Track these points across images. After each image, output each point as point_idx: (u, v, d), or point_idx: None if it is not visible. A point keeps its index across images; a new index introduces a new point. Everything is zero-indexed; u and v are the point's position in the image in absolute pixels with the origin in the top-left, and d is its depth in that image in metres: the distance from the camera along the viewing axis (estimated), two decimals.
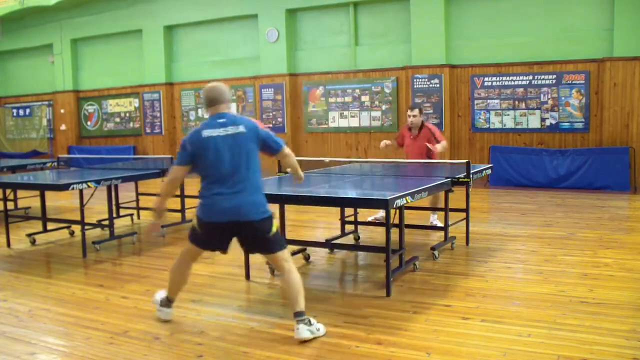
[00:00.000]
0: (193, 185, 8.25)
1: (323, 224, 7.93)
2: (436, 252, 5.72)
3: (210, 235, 3.93)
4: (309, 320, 3.79)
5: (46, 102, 17.31)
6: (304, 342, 3.70)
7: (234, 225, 3.83)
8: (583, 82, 10.51)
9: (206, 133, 3.84)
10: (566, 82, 10.64)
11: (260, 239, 3.89)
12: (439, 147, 7.09)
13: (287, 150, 4.14)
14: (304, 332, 3.73)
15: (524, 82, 10.97)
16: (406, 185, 5.50)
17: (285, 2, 13.10)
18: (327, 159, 7.89)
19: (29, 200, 9.26)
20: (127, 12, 15.22)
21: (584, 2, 10.51)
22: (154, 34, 14.93)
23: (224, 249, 4.04)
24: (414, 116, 7.36)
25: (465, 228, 6.34)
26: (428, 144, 7.17)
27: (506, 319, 4.04)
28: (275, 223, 3.95)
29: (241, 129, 3.89)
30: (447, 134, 11.56)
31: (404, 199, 4.49)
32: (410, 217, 6.94)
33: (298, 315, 3.79)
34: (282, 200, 5.24)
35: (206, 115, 4.02)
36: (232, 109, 3.26)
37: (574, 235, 6.64)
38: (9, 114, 18.08)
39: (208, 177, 3.89)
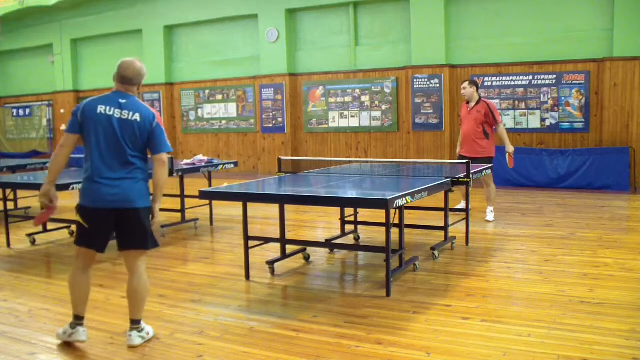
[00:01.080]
0: (193, 185, 8.27)
1: (323, 224, 7.93)
2: (436, 252, 5.72)
3: (94, 225, 3.65)
4: (142, 327, 3.76)
5: (46, 102, 17.32)
6: (134, 348, 3.68)
7: (116, 213, 3.62)
8: (583, 82, 10.52)
9: (101, 108, 3.65)
10: (566, 82, 10.64)
11: (140, 230, 3.68)
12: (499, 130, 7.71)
13: (164, 159, 3.77)
14: (135, 339, 3.69)
15: (524, 82, 10.98)
16: (406, 185, 5.50)
17: (285, 2, 13.10)
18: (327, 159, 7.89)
19: (29, 200, 9.26)
20: (127, 12, 15.23)
21: (584, 2, 10.52)
22: (154, 34, 14.94)
23: (103, 244, 3.75)
24: (464, 88, 7.68)
25: (465, 228, 6.34)
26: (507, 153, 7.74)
27: (506, 319, 4.04)
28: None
29: (137, 117, 3.70)
30: (447, 134, 11.57)
31: (404, 199, 4.50)
32: (410, 217, 6.94)
33: (136, 322, 3.73)
34: (282, 200, 5.24)
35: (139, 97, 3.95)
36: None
37: (574, 235, 6.64)
38: (9, 114, 18.08)
39: (91, 158, 3.66)
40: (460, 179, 5.65)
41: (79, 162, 9.16)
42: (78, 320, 3.75)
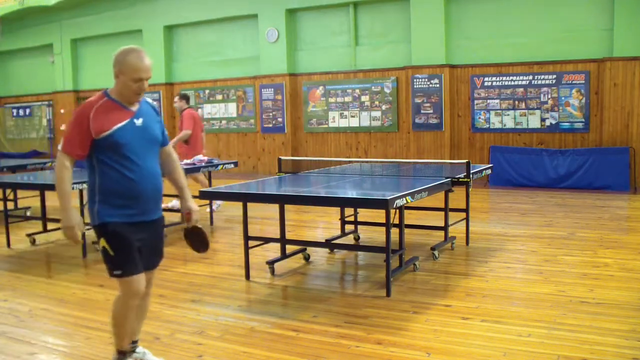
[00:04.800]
0: (193, 185, 8.27)
1: (323, 224, 7.93)
2: (436, 252, 5.72)
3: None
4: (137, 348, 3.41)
5: (46, 102, 17.32)
6: None
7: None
8: (583, 82, 10.52)
9: None
10: (566, 82, 10.64)
11: (160, 241, 3.31)
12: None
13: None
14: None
15: (524, 82, 10.98)
16: (406, 185, 5.50)
17: (285, 2, 13.10)
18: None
19: (29, 200, 9.26)
20: (127, 12, 15.23)
21: (584, 2, 10.52)
22: (154, 34, 14.94)
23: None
24: (175, 102, 8.84)
25: (465, 228, 6.34)
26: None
27: (506, 319, 4.04)
28: None
29: None
30: (447, 134, 11.58)
31: (404, 199, 4.50)
32: (410, 217, 6.94)
33: (135, 343, 3.38)
34: (282, 200, 5.24)
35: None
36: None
37: (574, 235, 6.64)
38: (9, 114, 18.08)
39: None
40: (460, 179, 5.65)
41: (79, 162, 9.18)
42: (134, 343, 3.38)
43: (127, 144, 3.03)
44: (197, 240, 3.39)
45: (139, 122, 3.12)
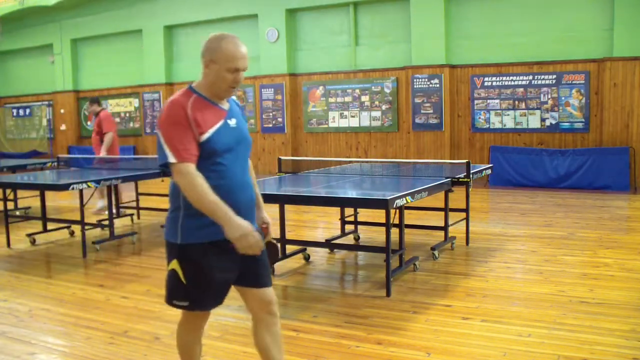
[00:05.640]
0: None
1: (323, 224, 7.93)
2: (436, 252, 5.72)
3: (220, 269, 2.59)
4: None
5: (46, 102, 17.32)
6: None
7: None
8: (583, 82, 10.51)
9: None
10: (566, 82, 10.64)
11: (263, 254, 2.72)
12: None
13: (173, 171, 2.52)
14: None
15: (524, 82, 10.98)
16: (406, 185, 5.50)
17: (285, 2, 13.10)
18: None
19: (29, 200, 9.26)
20: (127, 12, 15.23)
21: (584, 2, 10.51)
22: (154, 34, 14.94)
23: (223, 296, 2.68)
24: (86, 109, 9.32)
25: (465, 228, 6.34)
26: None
27: (506, 319, 4.04)
28: None
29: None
30: (447, 134, 11.57)
31: (404, 199, 4.50)
32: (410, 217, 6.93)
33: None
34: (282, 200, 5.24)
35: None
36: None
37: (574, 235, 6.64)
38: (9, 114, 18.08)
39: None
40: (460, 179, 5.65)
41: (79, 162, 9.17)
42: None
43: (222, 149, 2.53)
44: (271, 253, 2.96)
45: (232, 122, 2.62)
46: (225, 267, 2.58)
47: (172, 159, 2.44)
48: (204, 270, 2.53)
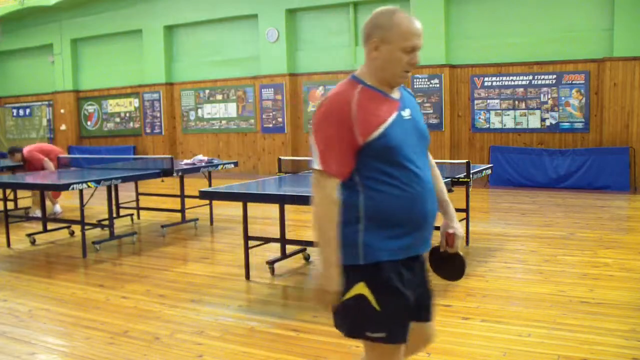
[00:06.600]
0: (193, 185, 8.27)
1: None
2: None
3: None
4: None
5: (46, 102, 17.32)
6: None
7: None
8: (583, 82, 10.52)
9: None
10: (566, 82, 10.64)
11: (428, 279, 2.41)
12: None
13: (314, 178, 2.14)
14: None
15: (524, 82, 10.98)
16: None
17: (285, 2, 13.10)
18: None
19: (29, 200, 9.26)
20: (127, 12, 15.23)
21: (584, 2, 10.51)
22: (154, 34, 14.94)
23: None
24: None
25: (465, 228, 6.34)
26: None
27: (506, 319, 4.04)
28: None
29: None
30: (447, 134, 11.57)
31: None
32: None
33: None
34: (282, 200, 5.24)
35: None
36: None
37: (574, 235, 6.64)
38: (9, 114, 18.07)
39: None
40: (460, 179, 5.65)
41: (79, 162, 9.17)
42: None
43: (399, 146, 2.11)
44: (452, 268, 2.61)
45: (406, 114, 2.19)
46: (412, 287, 2.19)
47: (317, 165, 2.08)
48: (396, 290, 2.11)
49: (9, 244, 6.84)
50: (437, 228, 2.44)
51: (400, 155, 2.11)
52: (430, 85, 11.61)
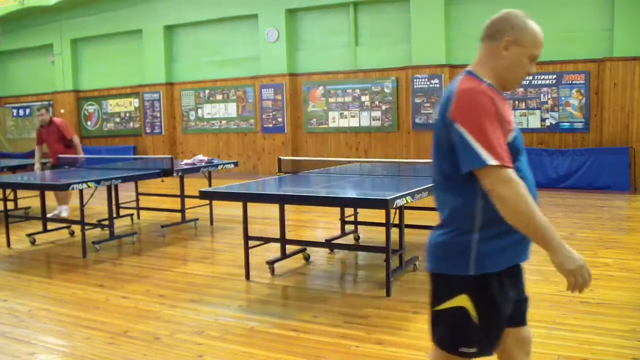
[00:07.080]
0: (193, 185, 8.27)
1: (323, 224, 7.93)
2: None
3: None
4: None
5: (46, 102, 17.31)
6: None
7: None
8: (583, 82, 10.52)
9: None
10: (566, 82, 10.64)
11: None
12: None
13: (484, 177, 1.91)
14: None
15: (523, 82, 10.95)
16: (406, 185, 5.50)
17: (285, 2, 13.10)
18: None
19: (29, 200, 9.26)
20: (127, 12, 15.23)
21: (584, 2, 10.52)
22: (154, 34, 14.94)
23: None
24: (41, 115, 8.94)
25: None
26: None
27: None
28: None
29: (438, 107, 2.08)
30: None
31: (404, 199, 4.49)
32: (410, 217, 6.93)
33: None
34: (282, 200, 5.24)
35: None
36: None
37: (574, 235, 6.64)
38: (9, 114, 18.07)
39: None
40: None
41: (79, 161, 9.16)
42: None
43: (522, 151, 2.04)
44: None
45: None
46: (511, 298, 2.11)
47: (491, 160, 1.84)
48: (498, 304, 2.03)
49: (9, 244, 6.84)
50: None
51: (520, 161, 2.03)
52: (430, 85, 11.61)
